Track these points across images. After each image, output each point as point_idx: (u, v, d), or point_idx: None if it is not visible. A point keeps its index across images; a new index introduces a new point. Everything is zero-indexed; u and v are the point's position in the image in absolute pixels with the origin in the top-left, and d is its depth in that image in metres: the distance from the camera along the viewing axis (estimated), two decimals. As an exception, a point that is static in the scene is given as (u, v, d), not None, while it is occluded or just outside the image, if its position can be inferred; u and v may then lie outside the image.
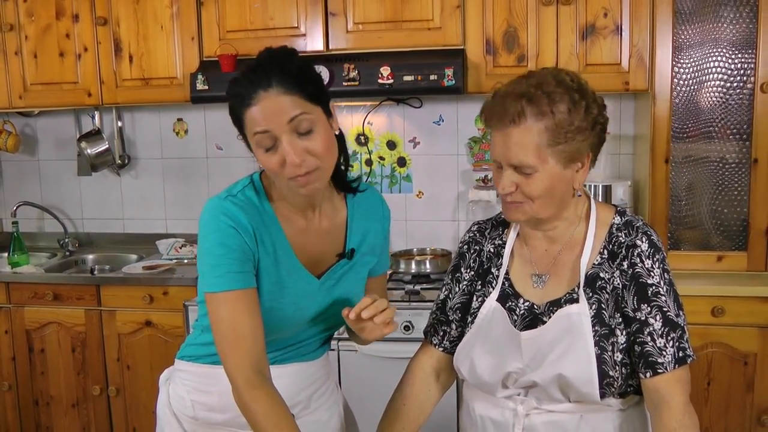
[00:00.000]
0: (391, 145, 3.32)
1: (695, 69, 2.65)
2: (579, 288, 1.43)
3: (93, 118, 3.51)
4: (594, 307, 1.41)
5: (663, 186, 2.72)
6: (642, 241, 1.42)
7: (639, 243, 1.42)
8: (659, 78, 2.67)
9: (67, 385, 3.15)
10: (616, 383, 1.40)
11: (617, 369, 1.39)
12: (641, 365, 1.38)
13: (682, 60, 2.66)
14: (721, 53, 2.62)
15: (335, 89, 2.79)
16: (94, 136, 3.46)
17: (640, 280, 1.40)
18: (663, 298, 1.39)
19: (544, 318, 1.45)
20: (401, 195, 3.34)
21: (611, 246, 1.44)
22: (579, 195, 1.47)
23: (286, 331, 1.52)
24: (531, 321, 1.46)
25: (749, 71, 2.61)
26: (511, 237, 1.54)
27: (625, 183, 2.91)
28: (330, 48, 2.94)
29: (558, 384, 1.41)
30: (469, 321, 1.53)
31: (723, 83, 2.64)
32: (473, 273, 1.57)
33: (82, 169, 3.56)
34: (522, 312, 1.47)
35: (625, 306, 1.41)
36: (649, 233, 1.43)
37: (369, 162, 3.35)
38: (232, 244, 1.39)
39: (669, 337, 1.37)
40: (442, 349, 1.60)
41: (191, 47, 3.05)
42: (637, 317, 1.39)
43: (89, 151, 3.43)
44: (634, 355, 1.40)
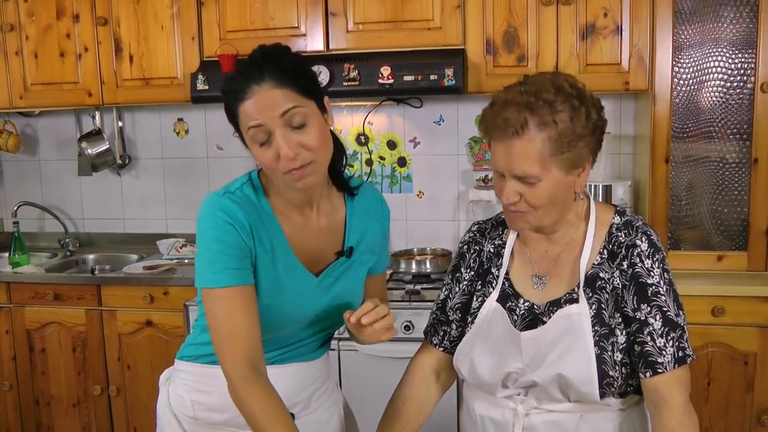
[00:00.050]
0: (392, 145, 3.32)
1: (695, 69, 2.65)
2: (579, 288, 1.43)
3: (93, 118, 3.51)
4: (594, 307, 1.41)
5: (663, 186, 2.72)
6: (642, 241, 1.42)
7: (639, 243, 1.42)
8: (659, 78, 2.67)
9: (68, 385, 3.15)
10: (616, 383, 1.40)
11: (617, 369, 1.39)
12: (641, 365, 1.38)
13: (682, 60, 2.66)
14: (721, 53, 2.62)
15: (335, 89, 2.80)
16: (94, 136, 3.46)
17: (639, 279, 1.40)
18: (663, 297, 1.39)
19: (544, 318, 1.45)
20: (401, 195, 3.35)
21: (611, 246, 1.45)
22: (581, 198, 1.47)
23: (284, 330, 1.52)
24: (531, 321, 1.46)
25: (749, 71, 2.61)
26: (511, 237, 1.54)
27: (625, 183, 2.91)
28: (330, 48, 2.94)
29: (558, 384, 1.41)
30: (469, 321, 1.53)
31: (723, 83, 2.64)
32: (473, 273, 1.57)
33: (82, 169, 3.56)
34: (522, 312, 1.47)
35: (625, 306, 1.41)
36: (649, 233, 1.43)
37: (369, 162, 3.35)
38: (229, 240, 1.39)
39: (669, 337, 1.37)
40: (442, 349, 1.60)
41: (191, 47, 3.05)
42: (637, 317, 1.39)
43: (90, 151, 3.43)
44: (633, 355, 1.40)
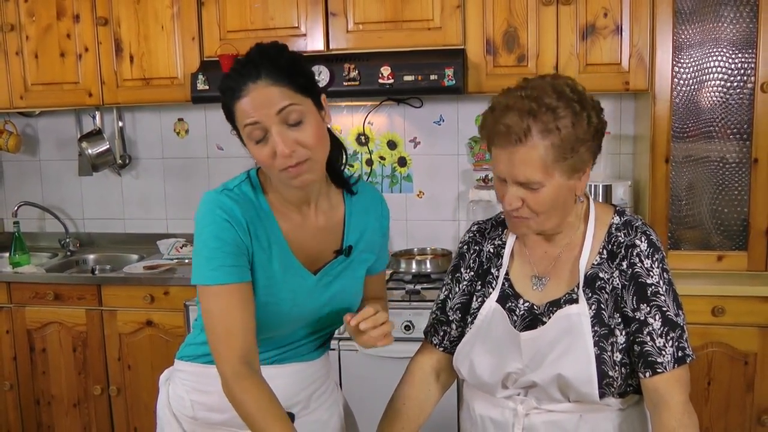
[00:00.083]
0: (392, 145, 3.32)
1: (695, 69, 2.65)
2: (578, 288, 1.43)
3: (94, 118, 3.51)
4: (593, 308, 1.41)
5: (663, 186, 2.72)
6: (641, 241, 1.42)
7: (638, 243, 1.42)
8: (659, 78, 2.67)
9: (68, 385, 3.15)
10: (615, 383, 1.40)
11: (617, 369, 1.40)
12: (640, 365, 1.38)
13: (682, 60, 2.66)
14: (722, 53, 2.62)
15: (335, 89, 2.80)
16: (95, 136, 3.46)
17: (639, 279, 1.40)
18: (662, 297, 1.39)
19: (543, 318, 1.45)
20: (402, 195, 3.35)
21: (610, 246, 1.45)
22: (581, 201, 1.47)
23: (283, 329, 1.52)
24: (531, 321, 1.46)
25: (749, 71, 2.61)
26: (511, 238, 1.54)
27: (626, 183, 2.91)
28: (330, 48, 2.94)
29: (557, 384, 1.41)
30: (469, 321, 1.53)
31: (723, 83, 2.64)
32: (473, 273, 1.57)
33: (83, 169, 3.56)
34: (522, 312, 1.47)
35: (625, 306, 1.41)
36: (648, 233, 1.43)
37: (369, 162, 3.35)
38: (226, 237, 1.40)
39: (668, 337, 1.37)
40: (442, 349, 1.60)
41: (192, 47, 3.05)
42: (637, 317, 1.39)
43: (90, 151, 3.43)
44: (633, 355, 1.40)
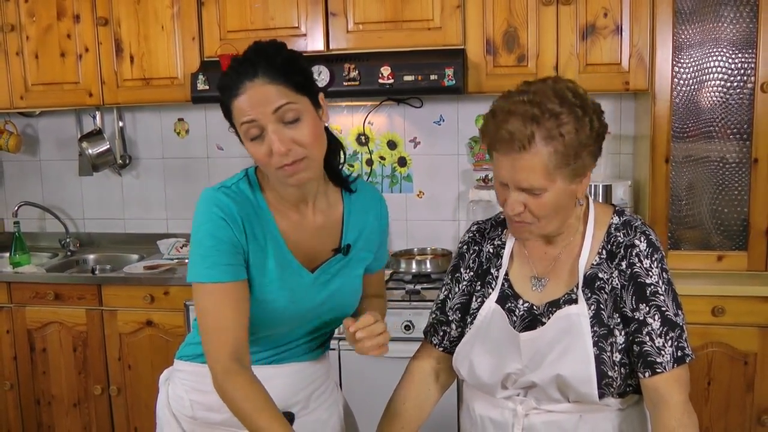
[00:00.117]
0: (392, 145, 3.33)
1: (695, 69, 2.65)
2: (578, 288, 1.43)
3: (94, 118, 3.51)
4: (593, 308, 1.41)
5: (663, 186, 2.72)
6: (640, 241, 1.42)
7: (637, 243, 1.42)
8: (659, 78, 2.67)
9: (69, 385, 3.15)
10: (615, 383, 1.40)
11: (616, 369, 1.39)
12: (640, 365, 1.38)
13: (682, 60, 2.66)
14: (721, 53, 2.62)
15: (336, 89, 2.80)
16: (95, 136, 3.46)
17: (638, 279, 1.40)
18: (661, 297, 1.39)
19: (543, 319, 1.45)
20: (402, 195, 3.35)
21: (610, 246, 1.45)
22: (581, 204, 1.47)
23: (281, 327, 1.52)
24: (530, 322, 1.46)
25: (749, 71, 2.61)
26: (511, 238, 1.54)
27: (626, 183, 2.91)
28: (330, 48, 2.94)
29: (557, 384, 1.41)
30: (469, 322, 1.53)
31: (723, 83, 2.64)
32: (473, 273, 1.57)
33: (83, 169, 3.56)
34: (521, 313, 1.47)
35: (624, 306, 1.41)
36: (648, 233, 1.43)
37: (369, 162, 3.35)
38: (222, 236, 1.40)
39: (668, 337, 1.37)
40: (441, 349, 1.60)
41: (192, 47, 3.05)
42: (636, 317, 1.39)
43: (90, 151, 3.43)
44: (632, 355, 1.40)
